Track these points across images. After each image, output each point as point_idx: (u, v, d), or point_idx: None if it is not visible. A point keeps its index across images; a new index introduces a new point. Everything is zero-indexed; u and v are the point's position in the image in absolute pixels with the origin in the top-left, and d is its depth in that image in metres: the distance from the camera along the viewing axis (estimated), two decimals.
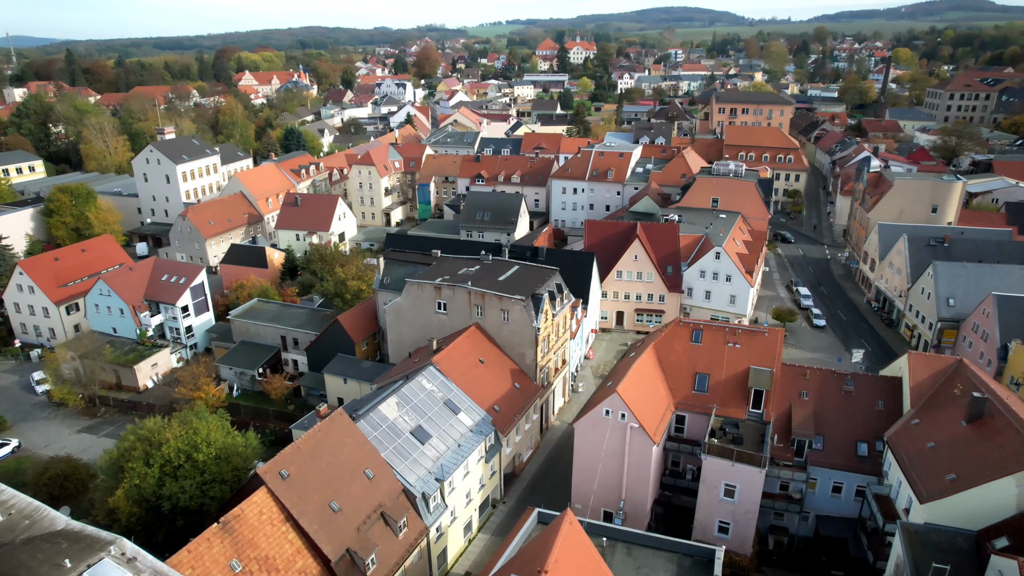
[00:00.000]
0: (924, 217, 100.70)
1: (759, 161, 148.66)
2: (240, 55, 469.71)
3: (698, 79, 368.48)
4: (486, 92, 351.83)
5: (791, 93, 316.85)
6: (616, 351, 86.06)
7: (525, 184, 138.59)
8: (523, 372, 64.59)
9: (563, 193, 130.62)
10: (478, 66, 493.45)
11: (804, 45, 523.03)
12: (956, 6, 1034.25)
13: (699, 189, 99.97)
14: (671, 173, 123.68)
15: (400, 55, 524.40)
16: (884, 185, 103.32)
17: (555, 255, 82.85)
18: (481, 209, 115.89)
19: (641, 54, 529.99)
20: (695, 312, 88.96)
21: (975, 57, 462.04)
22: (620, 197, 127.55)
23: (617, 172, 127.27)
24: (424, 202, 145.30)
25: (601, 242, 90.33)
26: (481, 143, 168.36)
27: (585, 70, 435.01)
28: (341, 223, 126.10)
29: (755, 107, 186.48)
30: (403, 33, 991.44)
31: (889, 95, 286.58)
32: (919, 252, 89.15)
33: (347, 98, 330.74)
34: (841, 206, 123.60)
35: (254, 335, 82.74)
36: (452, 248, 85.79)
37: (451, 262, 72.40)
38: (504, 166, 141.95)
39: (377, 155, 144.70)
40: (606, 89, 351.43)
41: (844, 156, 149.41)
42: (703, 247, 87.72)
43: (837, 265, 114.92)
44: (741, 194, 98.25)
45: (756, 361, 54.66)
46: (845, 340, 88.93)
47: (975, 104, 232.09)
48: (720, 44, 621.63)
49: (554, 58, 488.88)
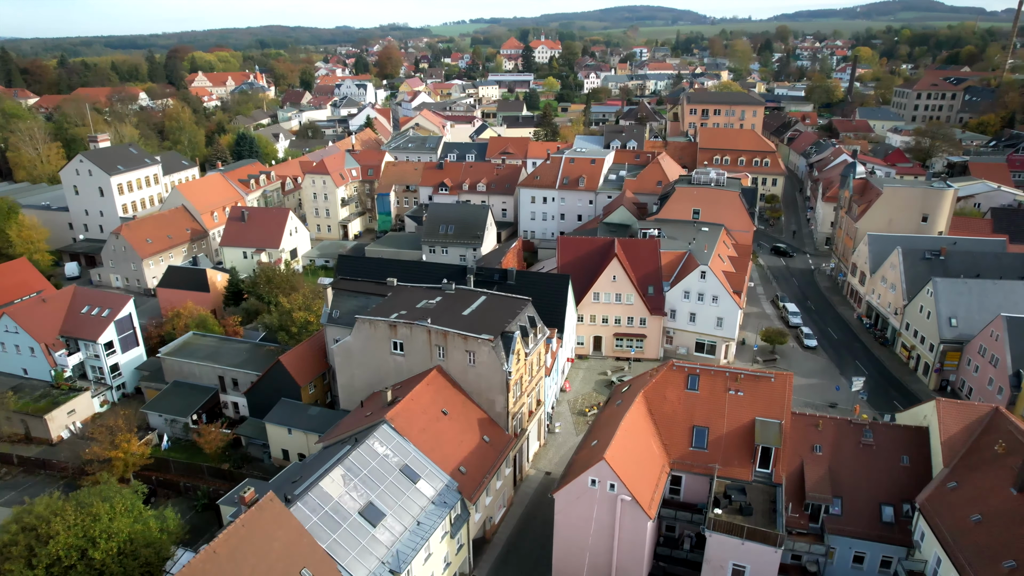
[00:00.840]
0: (914, 226, 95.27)
1: (735, 165, 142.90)
2: (194, 55, 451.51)
3: (665, 78, 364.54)
4: (450, 93, 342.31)
5: (758, 92, 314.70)
6: (595, 381, 78.40)
7: (491, 193, 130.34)
8: (493, 421, 56.39)
9: (532, 203, 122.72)
10: (441, 66, 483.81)
11: (767, 43, 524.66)
12: (908, 6, 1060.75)
13: (679, 200, 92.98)
14: (646, 180, 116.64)
15: (361, 55, 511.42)
16: (871, 193, 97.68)
17: (526, 278, 74.81)
18: (444, 222, 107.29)
19: (606, 53, 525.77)
20: (679, 336, 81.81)
21: (932, 56, 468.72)
22: (593, 206, 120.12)
23: (589, 180, 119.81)
24: (384, 213, 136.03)
25: (576, 260, 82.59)
26: (444, 148, 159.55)
27: (551, 69, 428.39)
28: (292, 239, 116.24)
29: (727, 108, 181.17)
30: (365, 32, 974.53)
31: (856, 94, 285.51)
32: (914, 266, 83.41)
33: (305, 100, 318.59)
34: (823, 213, 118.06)
35: (188, 375, 72.98)
36: (411, 272, 77.20)
37: (409, 292, 63.79)
38: (469, 174, 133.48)
39: (332, 163, 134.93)
40: (572, 89, 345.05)
41: (822, 159, 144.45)
42: (686, 265, 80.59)
43: (823, 276, 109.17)
44: (724, 205, 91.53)
45: (762, 411, 47.35)
46: (839, 362, 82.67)
47: (941, 104, 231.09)
48: (684, 43, 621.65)
49: (519, 57, 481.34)
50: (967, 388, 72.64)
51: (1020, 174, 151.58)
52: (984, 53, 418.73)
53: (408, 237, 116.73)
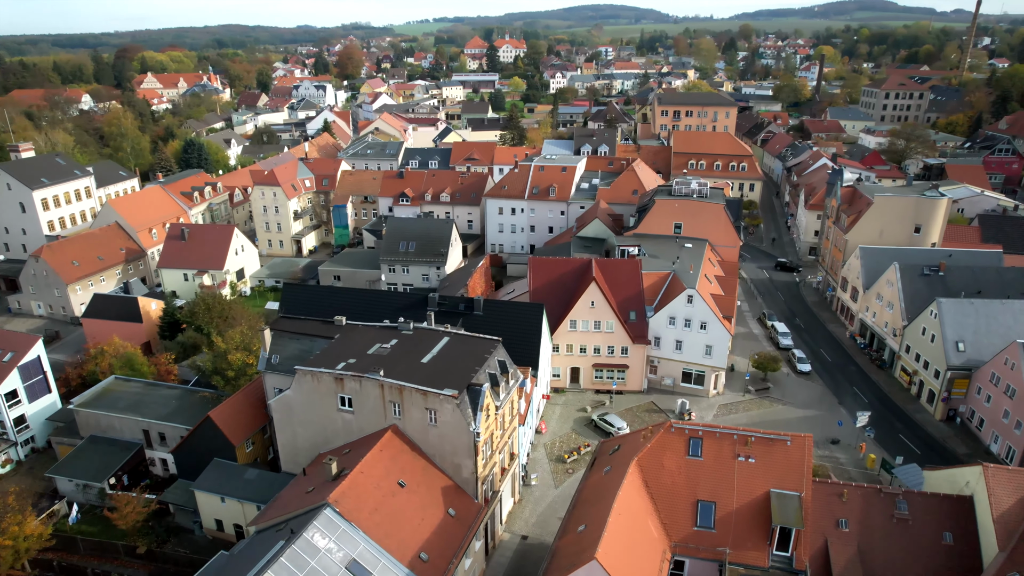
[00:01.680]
0: (906, 238, 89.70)
1: (711, 169, 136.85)
2: (144, 55, 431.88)
3: (631, 78, 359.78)
4: (412, 94, 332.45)
5: (726, 91, 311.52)
6: (574, 419, 70.63)
7: (456, 203, 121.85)
8: (459, 488, 48.14)
9: (500, 214, 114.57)
10: (404, 66, 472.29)
11: (732, 42, 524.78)
12: (863, 6, 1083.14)
13: (659, 213, 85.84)
14: (621, 189, 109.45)
15: (321, 54, 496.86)
16: (861, 202, 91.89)
17: (495, 309, 66.67)
18: (405, 239, 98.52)
19: (572, 52, 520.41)
20: (664, 365, 74.52)
21: (892, 55, 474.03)
22: (565, 217, 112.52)
23: (560, 189, 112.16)
24: (341, 226, 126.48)
25: (549, 284, 74.76)
26: (406, 155, 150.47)
27: (516, 69, 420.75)
28: (239, 258, 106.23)
29: (699, 109, 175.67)
30: (327, 32, 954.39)
31: (823, 93, 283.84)
32: (912, 283, 77.54)
33: (262, 102, 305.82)
34: (807, 222, 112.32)
35: (107, 429, 63.16)
36: (365, 303, 68.54)
37: (360, 334, 55.11)
38: (432, 183, 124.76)
39: (283, 173, 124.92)
40: (539, 89, 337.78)
41: (800, 163, 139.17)
42: (671, 288, 73.34)
43: (809, 290, 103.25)
44: (707, 218, 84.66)
45: (778, 481, 40.04)
46: (836, 389, 76.32)
47: (909, 103, 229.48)
48: (649, 41, 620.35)
49: (483, 57, 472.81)
50: (977, 419, 66.77)
51: (996, 176, 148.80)
52: (942, 52, 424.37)
53: (366, 254, 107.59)
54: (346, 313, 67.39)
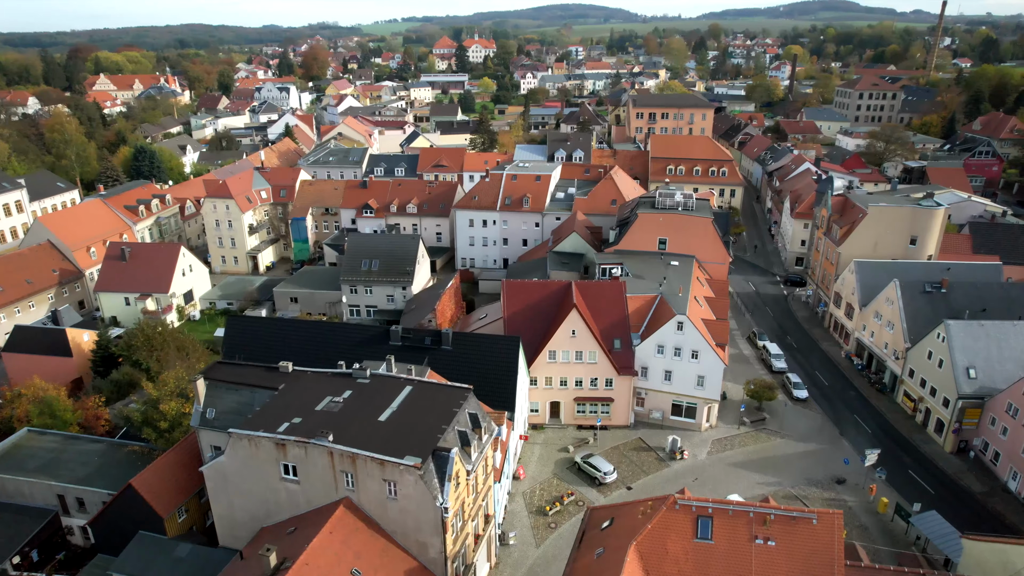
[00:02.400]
0: (902, 250, 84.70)
1: (690, 175, 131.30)
2: (99, 55, 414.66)
3: (603, 78, 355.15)
4: (380, 95, 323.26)
5: (699, 91, 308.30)
6: (555, 461, 63.81)
7: (424, 215, 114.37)
8: (425, 569, 40.96)
9: (470, 226, 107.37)
10: (371, 66, 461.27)
11: (702, 42, 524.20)
12: (827, 6, 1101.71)
13: (642, 228, 79.47)
14: (599, 199, 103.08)
15: (285, 55, 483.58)
16: (853, 212, 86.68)
17: (465, 343, 59.54)
18: (367, 257, 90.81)
19: (542, 52, 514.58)
20: (652, 397, 68.14)
21: (859, 55, 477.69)
22: (540, 229, 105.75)
23: (534, 199, 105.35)
24: (300, 240, 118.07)
25: (525, 310, 67.88)
26: (370, 161, 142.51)
27: (486, 69, 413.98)
28: (187, 279, 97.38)
29: (675, 111, 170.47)
30: (293, 32, 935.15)
31: (796, 93, 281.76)
32: (914, 301, 72.33)
33: (222, 105, 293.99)
34: (793, 231, 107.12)
35: (15, 494, 54.59)
36: (318, 338, 60.96)
37: (308, 384, 47.55)
38: (397, 193, 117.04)
39: (237, 184, 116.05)
40: (509, 90, 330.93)
41: (781, 167, 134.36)
42: (658, 313, 66.96)
43: (798, 304, 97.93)
44: (694, 233, 78.54)
45: (802, 567, 33.62)
46: (836, 417, 70.72)
47: (883, 104, 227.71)
48: (619, 41, 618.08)
49: (452, 57, 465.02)
50: (992, 453, 61.57)
51: (977, 179, 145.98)
52: (908, 52, 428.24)
53: (327, 272, 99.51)
54: (298, 350, 60.01)
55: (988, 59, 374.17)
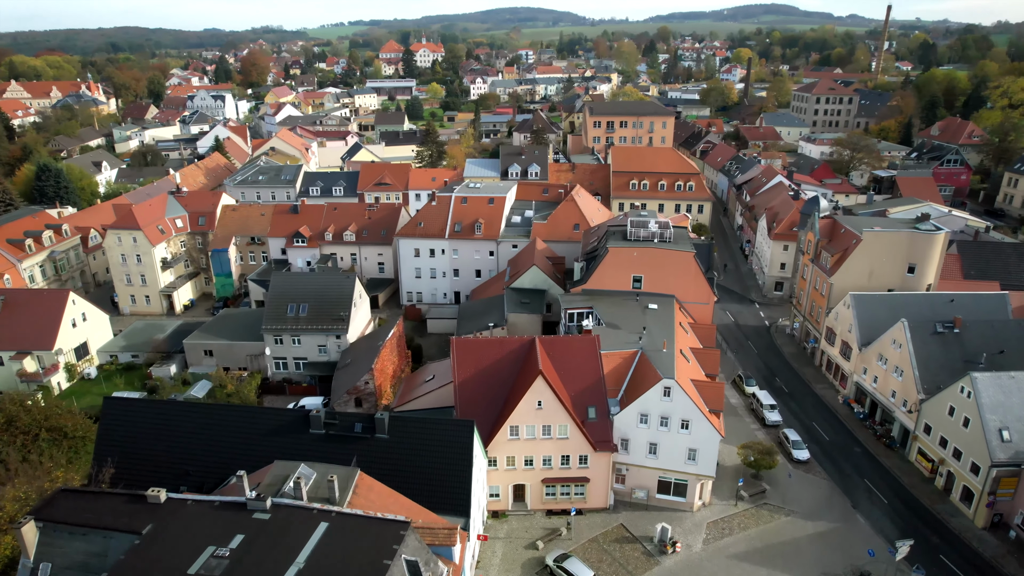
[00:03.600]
0: (899, 279, 75.98)
1: (654, 190, 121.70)
2: (13, 59, 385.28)
3: (555, 82, 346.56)
4: (322, 103, 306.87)
5: (653, 95, 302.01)
6: (521, 564, 51.97)
7: (363, 242, 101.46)
8: None
9: (416, 256, 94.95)
10: (315, 72, 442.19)
11: (651, 45, 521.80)
12: (769, 10, 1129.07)
13: (613, 264, 68.55)
14: (560, 224, 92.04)
15: (222, 60, 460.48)
16: (845, 239, 77.60)
17: (406, 430, 47.24)
18: (294, 300, 77.53)
19: (491, 56, 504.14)
20: (634, 474, 57.09)
21: (805, 58, 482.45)
22: (495, 259, 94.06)
23: (488, 225, 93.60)
24: (222, 274, 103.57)
25: (481, 375, 56.06)
26: (305, 180, 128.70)
27: (434, 74, 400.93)
28: (78, 331, 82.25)
29: (634, 119, 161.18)
30: (236, 36, 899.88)
31: (751, 97, 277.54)
32: (925, 345, 63.29)
33: (150, 115, 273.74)
34: (772, 253, 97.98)
35: None
36: (219, 427, 47.99)
37: (185, 521, 34.61)
38: (333, 218, 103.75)
39: (146, 213, 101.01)
40: (459, 96, 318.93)
41: (751, 180, 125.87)
42: (640, 373, 56.03)
43: (783, 337, 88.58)
44: (674, 269, 68.01)
45: None
46: (844, 484, 60.95)
47: (839, 108, 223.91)
48: (568, 44, 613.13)
49: (399, 62, 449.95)
50: None
51: (946, 188, 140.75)
52: (853, 55, 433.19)
53: (249, 316, 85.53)
54: (193, 446, 47.01)
55: (928, 63, 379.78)
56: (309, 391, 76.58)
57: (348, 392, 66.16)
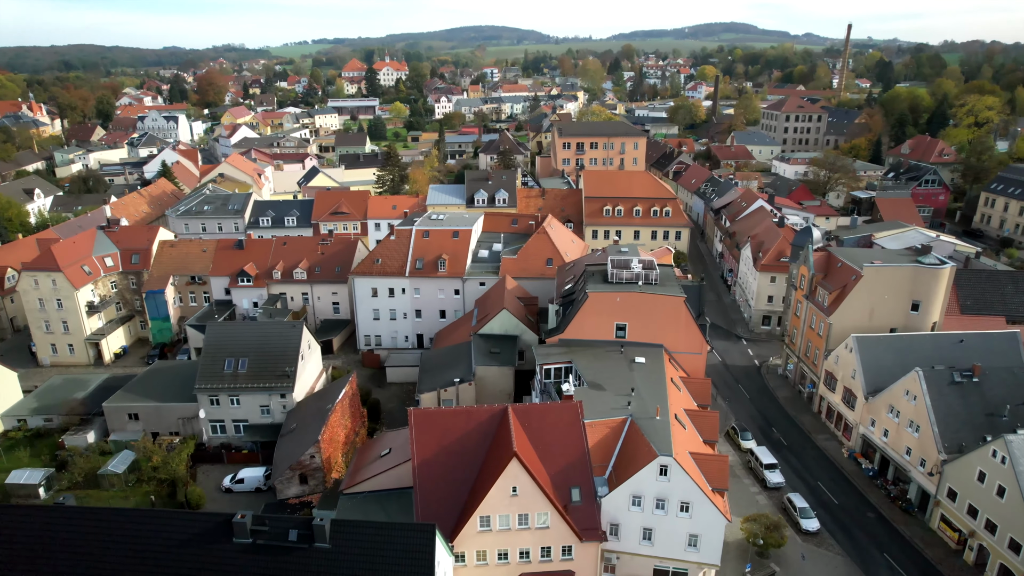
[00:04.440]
0: (902, 317, 69.69)
1: (629, 216, 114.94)
2: None
3: (521, 101, 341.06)
4: (281, 123, 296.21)
5: (620, 113, 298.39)
6: None
7: (316, 280, 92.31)
8: None
9: (373, 296, 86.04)
10: (275, 91, 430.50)
11: (616, 62, 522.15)
12: (728, 28, 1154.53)
13: (594, 312, 60.78)
14: (532, 259, 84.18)
15: (176, 79, 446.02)
16: (842, 274, 71.14)
17: (352, 537, 38.32)
18: (232, 354, 68.00)
19: (456, 74, 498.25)
20: (626, 563, 48.89)
21: (768, 75, 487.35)
22: (460, 298, 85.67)
23: (452, 261, 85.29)
24: (159, 318, 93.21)
25: (444, 451, 47.47)
26: (255, 209, 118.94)
27: (398, 93, 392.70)
28: None
29: (604, 140, 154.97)
30: (196, 54, 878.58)
31: (719, 115, 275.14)
32: (943, 397, 56.66)
33: (96, 136, 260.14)
34: (758, 286, 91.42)
35: None
36: (114, 537, 38.46)
37: None
38: (282, 254, 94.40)
39: (68, 252, 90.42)
40: (423, 115, 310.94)
41: (729, 205, 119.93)
42: (629, 445, 48.07)
43: (775, 379, 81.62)
44: (662, 316, 60.48)
45: None
46: (862, 560, 53.54)
47: (809, 126, 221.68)
48: (534, 62, 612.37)
49: (362, 80, 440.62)
50: None
51: (925, 209, 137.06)
52: (815, 73, 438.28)
53: (184, 370, 75.44)
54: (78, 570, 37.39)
55: (887, 81, 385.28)
56: (251, 458, 67.03)
57: (291, 467, 56.89)
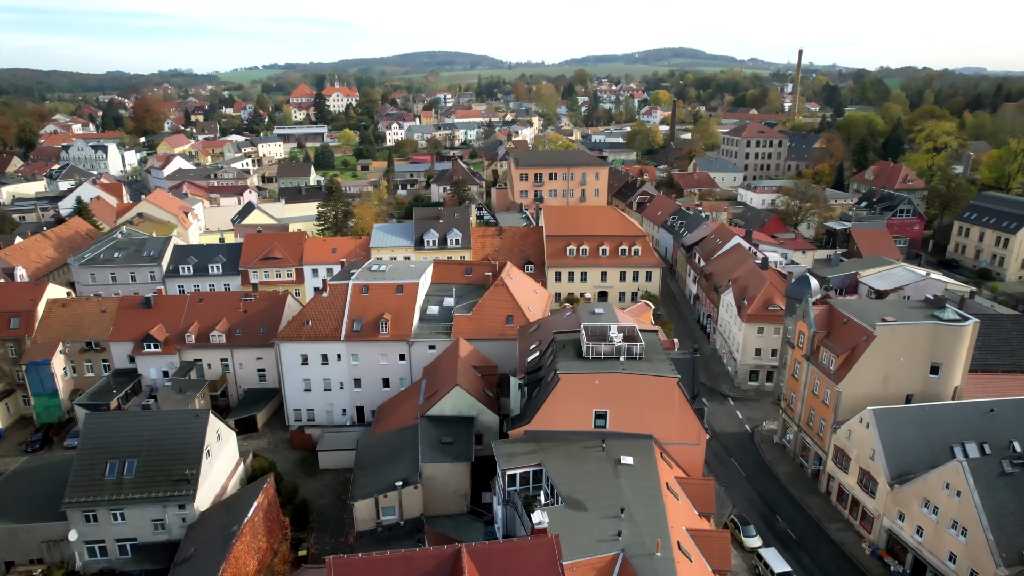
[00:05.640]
0: (920, 383, 60.13)
1: (595, 256, 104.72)
2: None
3: (475, 127, 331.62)
4: (222, 152, 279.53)
5: (576, 139, 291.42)
6: None
7: (237, 344, 78.63)
8: None
9: (304, 364, 72.89)
10: (218, 118, 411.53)
11: (570, 87, 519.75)
12: (677, 53, 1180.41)
13: (567, 397, 49.26)
14: (489, 317, 72.41)
15: (110, 105, 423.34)
16: (849, 333, 61.35)
17: None
18: (118, 455, 54.07)
19: (409, 100, 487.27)
20: None
21: (720, 99, 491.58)
22: (407, 364, 73.15)
23: (396, 321, 72.87)
24: (45, 394, 77.96)
25: None
26: (175, 255, 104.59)
27: (348, 119, 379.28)
28: None
29: (564, 170, 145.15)
30: (140, 79, 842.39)
31: (677, 140, 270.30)
32: (992, 492, 46.67)
33: (13, 167, 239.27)
34: (744, 338, 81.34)
35: None
36: None
37: None
38: (198, 313, 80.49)
39: None
40: (373, 142, 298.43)
41: (703, 242, 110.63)
42: None
43: (772, 449, 71.18)
44: (651, 400, 49.37)
45: None
46: None
47: (770, 151, 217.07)
48: (487, 87, 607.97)
49: (310, 106, 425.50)
50: None
51: (901, 240, 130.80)
52: (767, 97, 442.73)
53: (60, 470, 60.73)
54: None
55: (836, 105, 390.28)
56: None
57: None
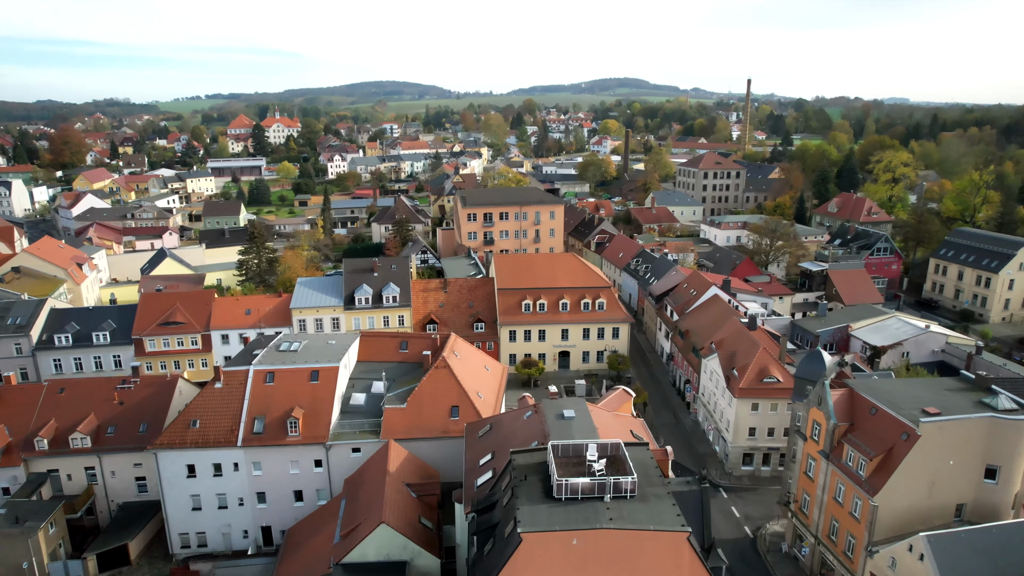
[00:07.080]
0: (972, 490, 47.83)
1: (554, 311, 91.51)
2: None
3: (421, 158, 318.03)
4: (147, 188, 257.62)
5: (526, 171, 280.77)
6: None
7: (108, 448, 61.46)
8: None
9: (191, 476, 56.38)
10: (148, 150, 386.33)
11: (519, 117, 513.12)
12: (622, 83, 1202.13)
13: (531, 563, 34.33)
14: (429, 410, 57.47)
15: (24, 136, 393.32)
16: (882, 427, 48.71)
17: None
18: None
19: (353, 131, 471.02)
20: None
21: (668, 127, 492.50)
22: (323, 473, 57.35)
23: (310, 418, 57.13)
24: None
25: None
26: (50, 323, 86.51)
27: (288, 151, 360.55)
28: None
29: (516, 209, 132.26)
30: (71, 108, 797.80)
31: (631, 172, 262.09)
32: None
33: None
34: (737, 415, 68.26)
35: None
36: None
37: None
38: (56, 407, 63.01)
39: None
40: (313, 176, 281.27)
41: (673, 290, 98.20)
42: None
43: (782, 563, 57.61)
44: (651, 564, 34.90)
45: None
46: None
47: (727, 183, 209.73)
48: (435, 117, 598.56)
49: (248, 138, 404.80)
50: None
51: (879, 280, 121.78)
52: (715, 126, 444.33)
53: None
54: None
55: (783, 133, 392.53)
56: None
57: None
